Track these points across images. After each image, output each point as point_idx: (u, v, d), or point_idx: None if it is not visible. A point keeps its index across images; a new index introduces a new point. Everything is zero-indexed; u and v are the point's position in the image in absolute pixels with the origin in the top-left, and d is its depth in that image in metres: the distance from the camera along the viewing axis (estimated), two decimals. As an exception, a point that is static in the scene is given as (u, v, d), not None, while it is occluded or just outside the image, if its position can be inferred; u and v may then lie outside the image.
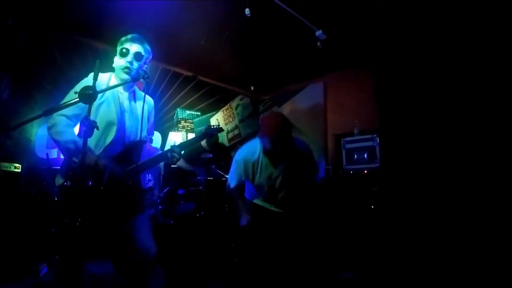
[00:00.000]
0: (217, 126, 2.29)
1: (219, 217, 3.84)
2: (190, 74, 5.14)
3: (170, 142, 4.84)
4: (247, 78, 5.73)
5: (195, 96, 5.41)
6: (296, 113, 5.96)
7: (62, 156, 1.86)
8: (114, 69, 2.02)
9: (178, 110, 5.10)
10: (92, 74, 1.84)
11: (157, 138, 4.71)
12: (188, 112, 5.28)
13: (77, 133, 1.85)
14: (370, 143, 4.26)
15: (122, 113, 1.97)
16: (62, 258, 1.95)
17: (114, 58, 2.01)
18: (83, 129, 1.46)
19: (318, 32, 3.83)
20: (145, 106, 1.94)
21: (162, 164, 2.18)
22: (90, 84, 1.49)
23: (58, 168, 1.88)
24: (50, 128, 1.78)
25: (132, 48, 1.97)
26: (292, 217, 2.66)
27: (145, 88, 1.95)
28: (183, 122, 5.18)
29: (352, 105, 5.10)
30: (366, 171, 4.20)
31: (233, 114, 6.13)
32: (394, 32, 3.89)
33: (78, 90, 1.44)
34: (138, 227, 1.93)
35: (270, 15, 3.56)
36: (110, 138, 1.88)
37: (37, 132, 3.63)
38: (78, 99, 1.42)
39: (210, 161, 4.11)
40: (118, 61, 1.97)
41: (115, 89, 1.96)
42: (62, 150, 1.79)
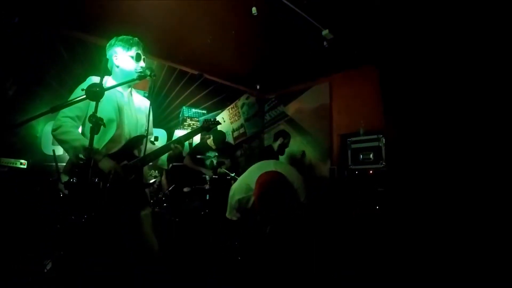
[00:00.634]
0: (213, 120, 2.32)
1: (224, 215, 3.83)
2: (196, 72, 5.14)
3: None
4: (253, 77, 5.72)
5: (201, 94, 5.41)
6: (301, 113, 5.95)
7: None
8: (112, 70, 2.07)
9: (183, 108, 5.10)
10: (91, 77, 1.91)
11: (162, 136, 4.71)
12: (193, 110, 5.28)
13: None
14: (376, 143, 4.24)
15: (120, 110, 2.00)
16: (67, 254, 1.96)
17: (119, 57, 2.03)
18: (90, 126, 1.47)
19: (325, 31, 3.81)
20: (146, 104, 1.96)
21: (165, 159, 2.20)
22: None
23: (64, 164, 1.89)
24: (55, 129, 1.81)
25: (141, 52, 2.07)
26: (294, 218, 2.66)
27: (151, 86, 1.96)
28: (189, 120, 5.18)
29: (357, 105, 5.08)
30: (371, 171, 4.18)
31: (238, 112, 6.12)
32: (400, 32, 3.86)
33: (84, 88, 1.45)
34: (142, 224, 1.94)
35: (277, 14, 3.55)
36: (110, 135, 1.91)
37: (43, 129, 3.65)
38: (85, 96, 1.42)
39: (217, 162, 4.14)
40: (131, 64, 2.03)
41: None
42: (69, 149, 1.80)
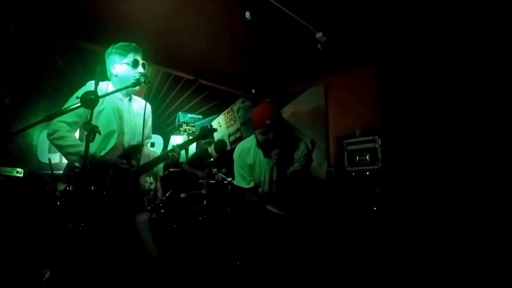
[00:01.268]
0: (210, 128, 2.32)
1: (222, 220, 3.83)
2: (191, 77, 5.14)
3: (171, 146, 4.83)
4: (248, 81, 5.73)
5: (197, 99, 5.41)
6: (297, 115, 5.96)
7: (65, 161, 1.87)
8: (111, 77, 2.05)
9: (179, 113, 5.11)
10: (91, 82, 1.87)
11: (158, 141, 4.71)
12: (189, 115, 5.28)
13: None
14: (372, 145, 4.25)
15: (121, 119, 1.99)
16: (64, 262, 1.95)
17: (116, 66, 2.02)
18: (85, 133, 1.47)
19: (318, 34, 3.83)
20: (144, 111, 1.96)
21: (161, 166, 2.19)
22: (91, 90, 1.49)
23: (60, 173, 1.89)
24: (51, 134, 1.80)
25: (139, 58, 2.03)
26: (293, 219, 2.64)
27: (146, 92, 1.95)
28: (185, 125, 5.18)
29: (353, 107, 5.10)
30: (368, 173, 4.18)
31: (234, 117, 6.13)
32: (396, 32, 3.89)
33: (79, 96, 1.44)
34: (140, 230, 1.94)
35: (271, 18, 3.56)
36: (111, 145, 1.90)
37: (39, 137, 3.64)
38: (80, 104, 1.42)
39: (211, 164, 4.11)
40: (129, 71, 1.99)
41: (114, 95, 1.97)
42: (65, 154, 1.80)
